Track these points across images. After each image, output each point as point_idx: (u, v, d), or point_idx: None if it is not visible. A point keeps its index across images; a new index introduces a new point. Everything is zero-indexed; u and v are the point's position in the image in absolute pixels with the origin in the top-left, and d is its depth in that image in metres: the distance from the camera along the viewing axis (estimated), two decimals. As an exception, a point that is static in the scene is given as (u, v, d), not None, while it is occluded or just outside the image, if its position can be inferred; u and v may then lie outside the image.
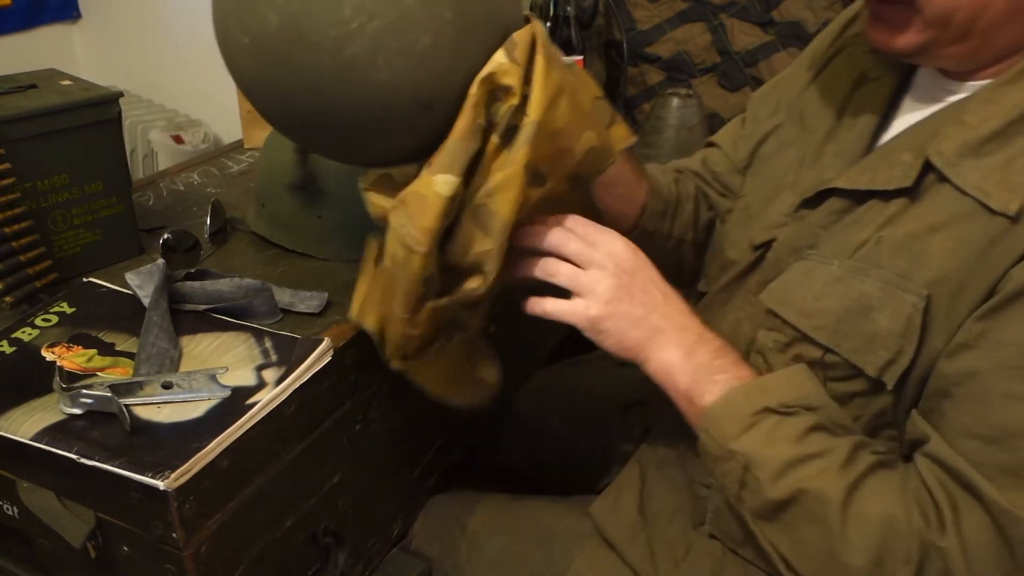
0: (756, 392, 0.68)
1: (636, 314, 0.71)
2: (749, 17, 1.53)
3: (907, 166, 0.66)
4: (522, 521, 0.97)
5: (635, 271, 0.72)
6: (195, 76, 2.12)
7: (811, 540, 0.64)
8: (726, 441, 0.67)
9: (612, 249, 0.72)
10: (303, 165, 0.94)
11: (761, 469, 0.65)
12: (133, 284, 0.83)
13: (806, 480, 0.64)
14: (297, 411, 0.75)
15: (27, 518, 0.70)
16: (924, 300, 0.63)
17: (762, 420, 0.66)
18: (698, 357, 0.70)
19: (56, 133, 0.86)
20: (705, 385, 0.69)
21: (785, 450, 0.65)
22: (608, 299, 0.71)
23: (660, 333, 0.71)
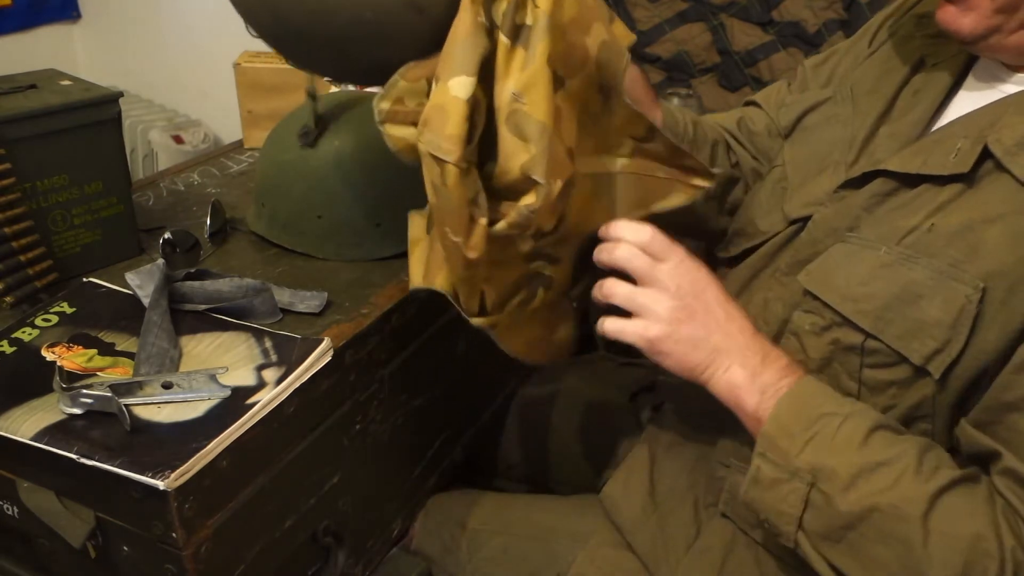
0: (807, 398, 0.67)
1: (697, 335, 0.70)
2: (749, 17, 1.53)
3: (964, 152, 0.66)
4: (522, 520, 0.97)
5: (698, 292, 0.71)
6: (195, 76, 2.12)
7: (885, 559, 0.61)
8: (788, 460, 0.65)
9: (676, 267, 0.71)
10: (313, 108, 0.93)
11: (831, 482, 0.63)
12: (133, 284, 0.83)
13: (880, 493, 0.61)
14: (297, 411, 0.75)
15: (27, 518, 0.70)
16: (979, 292, 0.62)
17: (823, 427, 0.65)
18: (764, 377, 0.69)
19: (56, 133, 0.86)
20: (761, 410, 0.68)
21: (851, 458, 0.63)
22: (668, 320, 0.70)
23: (723, 354, 0.70)
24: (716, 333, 0.70)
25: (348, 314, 0.85)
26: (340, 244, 0.96)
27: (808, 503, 0.64)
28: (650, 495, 0.87)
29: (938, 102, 0.74)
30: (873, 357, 0.68)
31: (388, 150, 0.95)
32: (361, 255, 0.96)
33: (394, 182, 0.95)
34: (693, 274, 0.71)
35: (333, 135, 0.95)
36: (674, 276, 0.71)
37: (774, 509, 0.66)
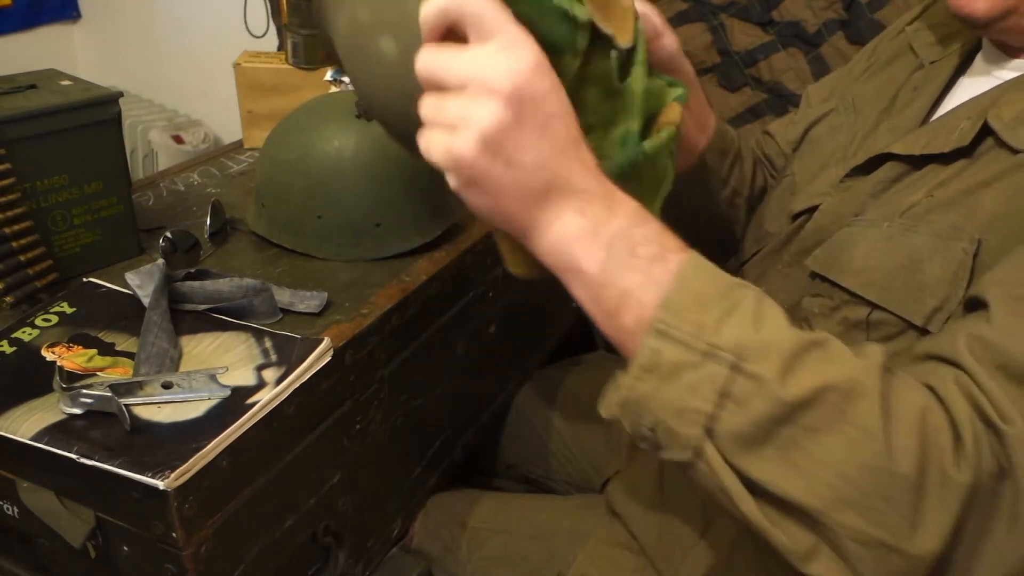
0: (710, 267, 0.53)
1: (525, 158, 0.50)
2: (749, 17, 1.53)
3: (965, 131, 0.67)
4: (523, 519, 0.97)
5: (537, 97, 0.49)
6: (195, 76, 2.12)
7: (836, 453, 0.48)
8: (703, 335, 0.49)
9: (503, 51, 0.48)
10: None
11: (763, 361, 0.48)
12: (133, 284, 0.83)
13: (829, 370, 0.49)
14: (297, 411, 0.75)
15: (27, 518, 0.70)
16: (975, 245, 0.62)
17: (742, 300, 0.51)
18: (612, 226, 0.51)
19: (56, 133, 0.86)
20: (627, 265, 0.51)
21: (786, 334, 0.50)
22: (486, 132, 0.49)
23: (557, 193, 0.51)
24: (553, 158, 0.50)
25: (348, 314, 0.85)
26: (340, 244, 0.96)
27: (727, 394, 0.49)
28: (658, 490, 0.87)
29: (937, 93, 0.76)
30: (878, 330, 0.67)
31: (388, 150, 0.95)
32: (361, 255, 0.96)
33: (394, 182, 0.95)
34: (533, 71, 0.49)
35: (333, 135, 0.95)
36: (507, 69, 0.48)
37: (675, 406, 0.50)
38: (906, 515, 0.48)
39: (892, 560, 0.48)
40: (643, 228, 0.52)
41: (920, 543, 0.48)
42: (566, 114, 0.51)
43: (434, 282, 0.95)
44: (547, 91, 0.50)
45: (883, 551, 0.48)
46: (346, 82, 1.25)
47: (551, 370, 1.27)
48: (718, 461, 0.50)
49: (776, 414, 0.48)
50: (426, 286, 0.94)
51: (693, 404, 0.49)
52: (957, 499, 0.48)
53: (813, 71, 1.48)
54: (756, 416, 0.49)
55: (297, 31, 1.30)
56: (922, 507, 0.48)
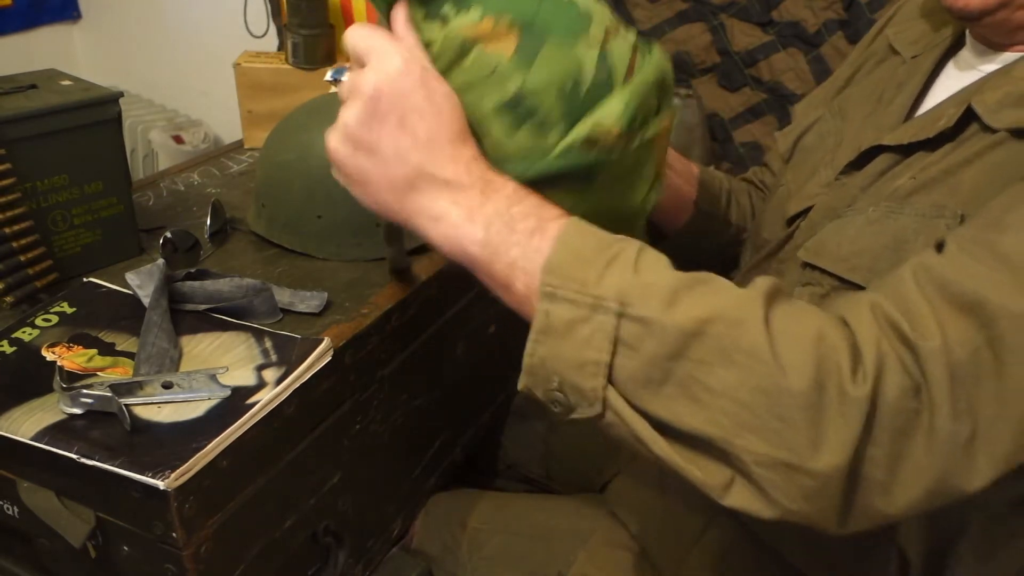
0: (588, 228, 0.55)
1: (385, 151, 0.56)
2: (749, 17, 1.53)
3: (950, 117, 0.68)
4: (523, 519, 0.97)
5: (397, 95, 0.55)
6: (195, 76, 2.12)
7: (730, 381, 0.49)
8: (587, 288, 0.52)
9: (375, 68, 0.56)
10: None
11: (646, 302, 0.50)
12: (133, 284, 0.83)
13: (712, 302, 0.50)
14: (297, 411, 0.75)
15: (27, 518, 0.70)
16: (957, 220, 0.62)
17: (621, 252, 0.53)
18: (488, 208, 0.55)
19: (56, 133, 0.86)
20: (508, 241, 0.55)
21: (666, 275, 0.52)
22: (348, 127, 0.56)
23: (426, 183, 0.56)
24: (415, 150, 0.55)
25: (348, 314, 0.85)
26: (340, 244, 0.96)
27: (619, 340, 0.51)
28: (658, 490, 0.87)
29: (919, 87, 0.77)
30: None
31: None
32: (361, 255, 0.96)
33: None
34: (395, 73, 0.56)
35: (333, 135, 0.95)
36: (371, 78, 0.56)
37: (574, 361, 0.52)
38: (805, 433, 0.48)
39: (800, 480, 0.49)
40: (519, 205, 0.55)
41: (823, 459, 0.48)
42: (435, 112, 0.56)
43: (434, 282, 0.95)
44: (409, 90, 0.55)
45: (789, 472, 0.49)
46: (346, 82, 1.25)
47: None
48: (624, 407, 0.52)
49: (666, 351, 0.50)
50: (426, 286, 0.94)
51: (590, 356, 0.51)
52: (857, 413, 0.48)
53: (813, 71, 1.48)
54: (649, 356, 0.50)
55: (297, 31, 1.30)
56: (821, 424, 0.48)
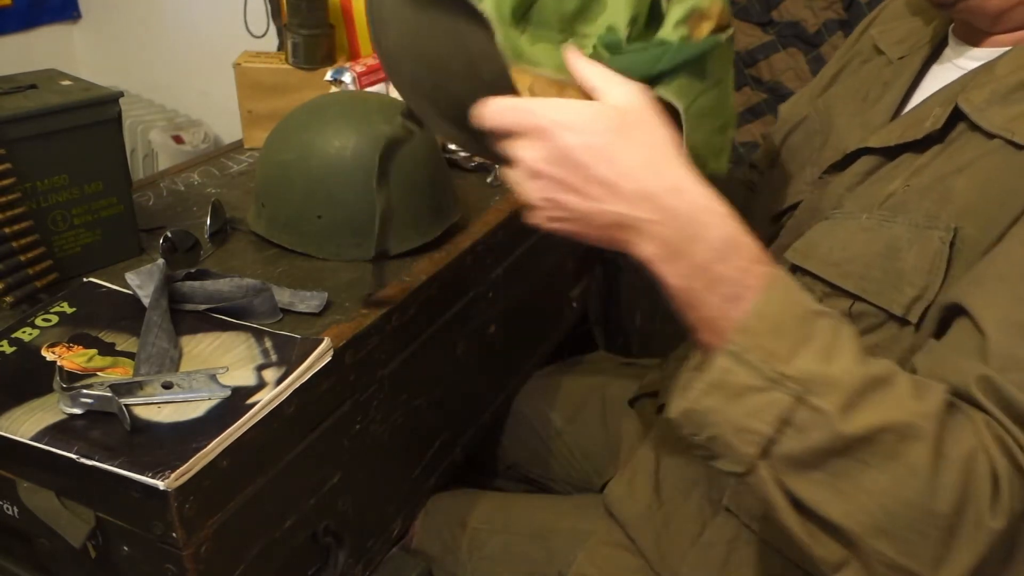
0: (794, 291, 0.55)
1: (582, 210, 0.55)
2: (749, 17, 1.53)
3: (937, 117, 0.68)
4: (523, 519, 0.97)
5: (576, 160, 0.54)
6: (195, 76, 2.12)
7: (881, 487, 0.51)
8: (774, 364, 0.52)
9: (537, 140, 0.55)
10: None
11: (828, 396, 0.51)
12: (133, 284, 0.83)
13: (889, 412, 0.51)
14: (297, 411, 0.75)
15: (27, 518, 0.70)
16: (951, 233, 0.62)
17: (818, 332, 0.53)
18: (694, 257, 0.54)
19: (56, 133, 0.86)
20: (705, 300, 0.54)
21: (854, 371, 0.52)
22: (540, 201, 0.57)
23: (628, 229, 0.55)
24: (607, 204, 0.55)
25: (348, 314, 0.85)
26: (340, 244, 0.96)
27: (788, 421, 0.52)
28: (655, 492, 0.87)
29: (906, 87, 0.77)
30: (860, 322, 0.67)
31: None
32: (361, 255, 0.96)
33: (394, 182, 0.95)
34: (563, 142, 0.54)
35: (333, 135, 0.95)
36: (535, 147, 0.55)
37: (736, 424, 0.53)
38: (935, 551, 0.51)
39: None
40: (723, 264, 0.54)
41: (943, 575, 0.51)
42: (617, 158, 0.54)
43: (434, 282, 0.95)
44: (584, 154, 0.54)
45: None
46: (346, 82, 1.25)
47: (551, 370, 1.27)
48: (770, 479, 0.53)
49: (832, 447, 0.51)
50: (426, 286, 0.94)
51: (754, 426, 0.52)
52: (986, 543, 0.51)
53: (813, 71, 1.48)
54: (813, 446, 0.52)
55: (297, 31, 1.30)
56: (952, 546, 0.51)
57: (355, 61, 1.31)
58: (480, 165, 1.24)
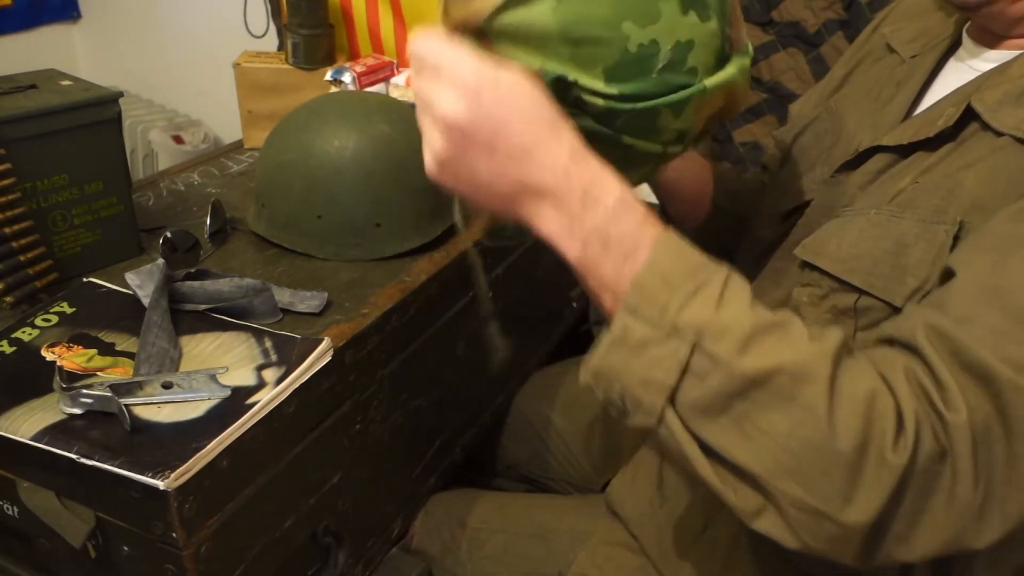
0: (684, 246, 0.56)
1: (482, 177, 0.57)
2: (749, 17, 1.53)
3: (950, 116, 0.68)
4: (523, 519, 0.97)
5: (480, 119, 0.55)
6: (195, 76, 2.12)
7: (782, 428, 0.52)
8: (667, 315, 0.53)
9: (453, 90, 0.55)
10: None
11: (721, 341, 0.52)
12: (133, 284, 0.83)
13: (783, 353, 0.53)
14: (297, 411, 0.75)
15: (27, 518, 0.70)
16: (956, 226, 0.63)
17: (707, 282, 0.55)
18: (586, 222, 0.56)
19: (56, 133, 0.86)
20: (601, 260, 0.56)
21: (745, 315, 0.54)
22: (441, 162, 0.57)
23: (527, 193, 0.56)
24: (510, 168, 0.56)
25: (348, 314, 0.85)
26: (340, 244, 0.96)
27: (687, 369, 0.53)
28: (658, 489, 0.87)
29: (919, 87, 0.77)
30: (865, 316, 0.68)
31: (388, 150, 0.95)
32: (361, 255, 0.96)
33: (394, 182, 0.95)
34: (470, 98, 0.55)
35: (333, 135, 0.95)
36: (449, 107, 0.55)
37: (640, 377, 0.54)
38: (841, 489, 0.52)
39: (826, 527, 0.52)
40: (617, 224, 0.55)
41: (852, 514, 0.52)
42: (522, 120, 0.55)
43: (434, 282, 0.95)
44: (488, 110, 0.54)
45: (818, 518, 0.52)
46: (346, 82, 1.25)
47: (551, 370, 1.27)
48: (678, 427, 0.54)
49: (730, 390, 0.52)
50: (426, 286, 0.94)
51: (657, 376, 0.54)
52: (891, 479, 0.51)
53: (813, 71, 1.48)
54: (713, 390, 0.53)
55: (297, 31, 1.30)
56: (857, 483, 0.52)
57: (355, 61, 1.31)
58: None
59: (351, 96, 1.05)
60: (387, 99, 1.08)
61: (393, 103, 1.04)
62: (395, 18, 1.34)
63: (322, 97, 1.05)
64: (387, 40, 1.37)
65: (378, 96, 1.07)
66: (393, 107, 1.01)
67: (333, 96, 1.05)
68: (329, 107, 0.99)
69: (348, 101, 1.01)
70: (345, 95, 1.06)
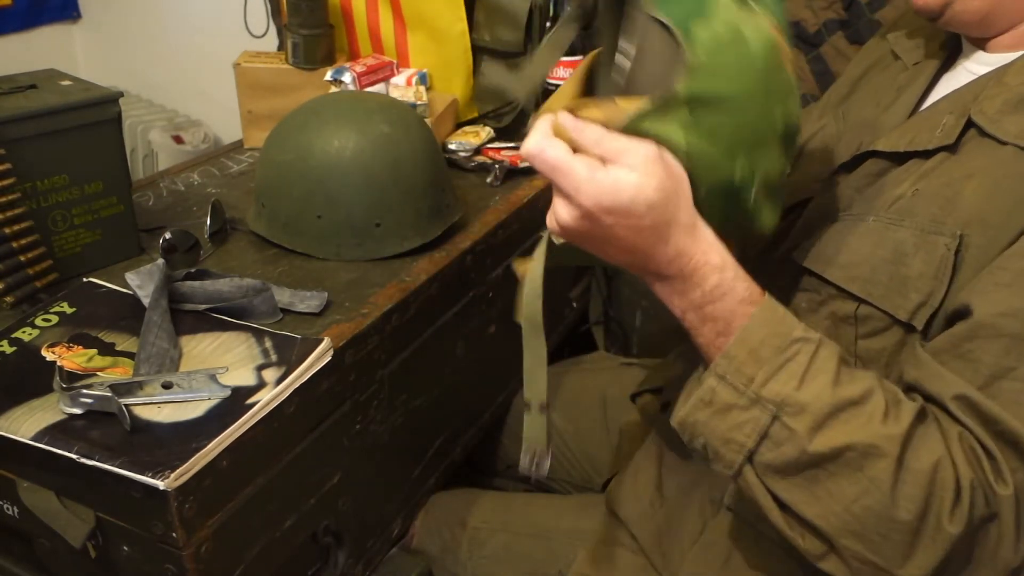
0: (777, 319, 0.62)
1: (602, 251, 0.63)
2: (749, 17, 1.53)
3: (949, 127, 0.68)
4: (523, 518, 0.97)
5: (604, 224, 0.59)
6: (195, 76, 2.12)
7: (848, 495, 0.58)
8: (752, 387, 0.60)
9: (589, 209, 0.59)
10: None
11: (799, 417, 0.59)
12: (133, 284, 0.83)
13: (854, 432, 0.58)
14: (297, 411, 0.75)
15: (27, 518, 0.70)
16: (956, 240, 0.63)
17: (796, 354, 0.60)
18: (687, 299, 0.62)
19: (56, 133, 0.86)
20: (698, 331, 0.63)
21: (825, 394, 0.59)
22: (568, 233, 0.62)
23: (636, 268, 0.63)
24: (623, 255, 0.62)
25: (348, 314, 0.85)
26: (340, 244, 0.96)
27: (766, 435, 0.60)
28: (658, 490, 0.87)
29: (920, 92, 0.77)
30: (866, 325, 0.69)
31: (388, 150, 0.95)
32: (361, 255, 0.96)
33: (394, 182, 0.95)
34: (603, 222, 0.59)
35: (333, 135, 0.95)
36: (585, 197, 0.58)
37: (722, 436, 0.61)
38: (900, 551, 0.58)
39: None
40: (713, 305, 0.62)
41: (909, 570, 0.59)
42: (635, 229, 0.59)
43: (434, 282, 0.95)
44: (611, 222, 0.58)
45: (878, 571, 0.59)
46: (346, 82, 1.25)
47: (551, 370, 1.26)
48: (754, 481, 0.62)
49: (802, 460, 0.59)
50: (426, 286, 0.94)
51: (738, 438, 0.61)
52: (946, 544, 0.57)
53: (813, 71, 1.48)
54: (787, 457, 0.60)
55: (297, 31, 1.30)
56: (915, 546, 0.58)
57: (355, 61, 1.31)
58: (480, 165, 1.24)
59: (351, 96, 1.05)
60: (387, 99, 1.08)
61: (393, 103, 1.04)
62: (395, 18, 1.34)
63: (322, 97, 1.05)
64: (387, 40, 1.37)
65: (378, 96, 1.07)
66: (393, 107, 1.01)
67: (333, 96, 1.05)
68: (329, 107, 0.99)
69: (348, 101, 1.01)
70: (345, 95, 1.06)
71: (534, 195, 1.18)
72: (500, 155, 1.26)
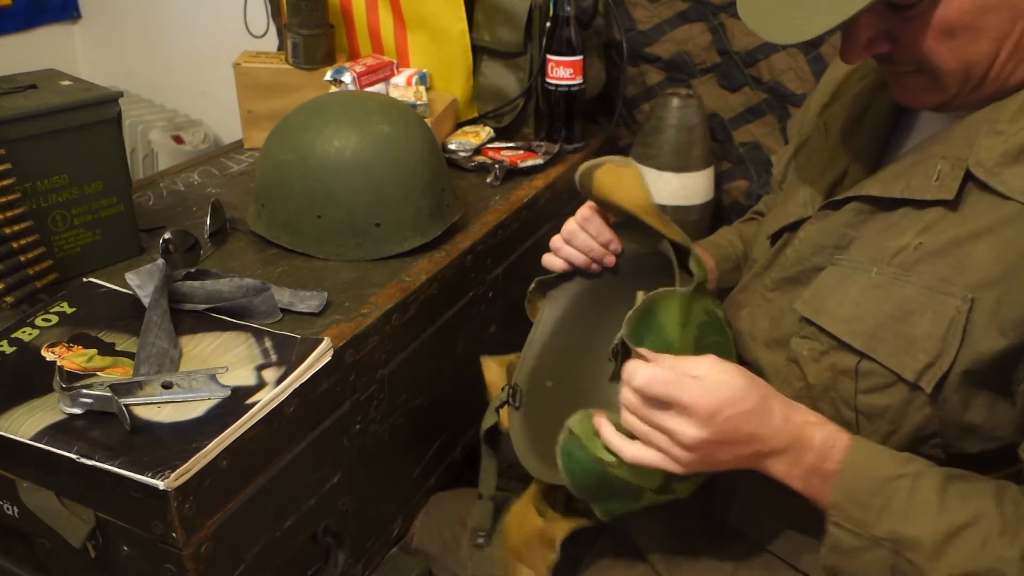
0: (869, 463, 0.66)
1: (719, 462, 0.67)
2: (749, 16, 1.53)
3: (945, 176, 0.66)
4: (522, 520, 0.97)
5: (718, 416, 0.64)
6: (195, 76, 2.12)
7: None
8: (865, 529, 0.64)
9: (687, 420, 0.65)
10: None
11: (916, 551, 0.63)
12: (133, 284, 0.83)
13: (972, 558, 0.61)
14: (297, 411, 0.75)
15: (27, 518, 0.71)
16: (968, 303, 0.63)
17: (895, 492, 0.64)
18: (804, 464, 0.67)
19: (56, 133, 0.86)
20: (820, 486, 0.67)
21: (932, 524, 0.63)
22: (685, 465, 0.66)
23: (756, 457, 0.67)
24: (742, 448, 0.66)
25: (348, 314, 0.85)
26: (340, 244, 0.96)
27: (895, 568, 0.64)
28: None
29: (891, 115, 0.76)
30: (867, 380, 0.68)
31: (388, 150, 0.96)
32: (361, 255, 0.96)
33: (394, 182, 0.95)
34: (706, 399, 0.64)
35: (333, 135, 0.95)
36: (691, 424, 0.64)
37: (861, 573, 0.66)
38: None
39: None
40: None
41: None
42: (744, 415, 0.64)
43: (434, 282, 0.95)
44: (721, 409, 0.64)
45: None
46: (346, 82, 1.25)
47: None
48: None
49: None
50: (426, 286, 0.94)
51: (873, 574, 0.65)
52: None
53: (813, 71, 1.48)
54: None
55: (297, 31, 1.30)
56: None
57: (355, 61, 1.31)
58: (480, 165, 1.24)
59: (351, 96, 1.05)
60: (387, 99, 1.08)
61: (393, 103, 1.04)
62: (395, 18, 1.34)
63: (322, 97, 1.05)
64: (387, 40, 1.37)
65: (378, 96, 1.07)
66: (393, 107, 1.01)
67: (333, 96, 1.05)
68: (329, 107, 0.99)
69: (348, 101, 1.01)
70: (345, 95, 1.06)
71: (534, 195, 1.18)
72: (500, 155, 1.27)
